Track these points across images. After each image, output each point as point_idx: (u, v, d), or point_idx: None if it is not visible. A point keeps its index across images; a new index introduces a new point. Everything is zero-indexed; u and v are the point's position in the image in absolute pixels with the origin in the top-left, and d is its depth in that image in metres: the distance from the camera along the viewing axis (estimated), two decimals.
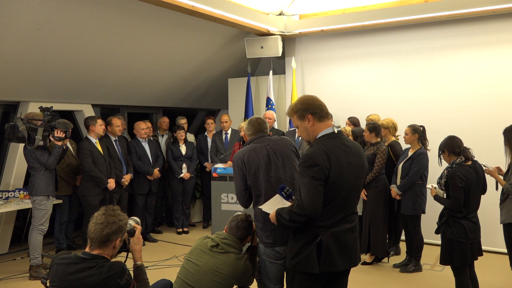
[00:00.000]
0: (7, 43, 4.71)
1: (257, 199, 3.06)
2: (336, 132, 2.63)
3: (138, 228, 2.61)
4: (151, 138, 6.62)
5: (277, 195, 2.77)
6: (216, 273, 3.03)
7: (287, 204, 2.67)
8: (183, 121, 7.18)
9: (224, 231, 3.27)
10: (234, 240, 3.16)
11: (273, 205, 2.74)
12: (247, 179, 3.05)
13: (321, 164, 2.46)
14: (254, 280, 3.44)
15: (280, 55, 6.97)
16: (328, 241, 2.53)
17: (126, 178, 6.01)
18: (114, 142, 6.01)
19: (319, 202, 2.46)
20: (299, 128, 2.70)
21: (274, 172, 3.03)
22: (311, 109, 2.63)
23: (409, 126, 5.00)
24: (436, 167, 4.14)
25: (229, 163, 6.00)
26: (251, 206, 3.18)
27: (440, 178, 3.82)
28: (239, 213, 3.34)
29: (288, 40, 7.25)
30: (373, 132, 5.16)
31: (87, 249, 2.36)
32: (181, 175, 6.68)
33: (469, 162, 3.69)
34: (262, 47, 6.90)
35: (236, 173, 3.12)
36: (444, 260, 3.72)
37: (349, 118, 6.11)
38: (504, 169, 4.12)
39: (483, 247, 3.88)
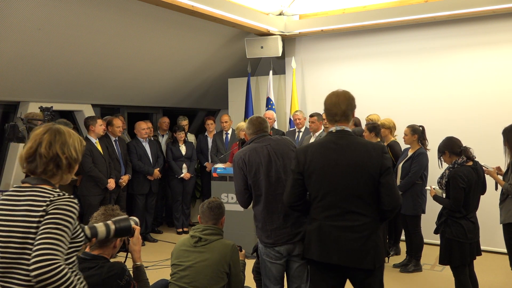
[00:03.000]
0: (7, 43, 4.71)
1: (257, 198, 3.06)
2: (334, 131, 2.67)
3: (137, 229, 2.60)
4: (152, 138, 6.62)
5: None
6: (208, 266, 2.93)
7: None
8: (184, 122, 7.17)
9: (199, 223, 3.16)
10: (213, 227, 3.06)
11: None
12: (248, 178, 3.05)
13: (297, 158, 2.69)
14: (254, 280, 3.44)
15: (280, 55, 6.97)
16: (310, 230, 2.67)
17: (124, 179, 6.01)
18: (114, 143, 6.01)
19: (291, 193, 2.70)
20: None
21: (274, 172, 3.03)
22: (324, 108, 2.76)
23: (408, 127, 5.00)
24: (436, 168, 4.13)
25: (228, 163, 6.00)
26: (251, 206, 3.17)
27: (441, 177, 3.81)
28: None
29: (288, 40, 7.25)
30: (373, 132, 5.16)
31: (87, 249, 2.36)
32: (181, 175, 6.69)
33: (470, 163, 3.68)
34: (262, 47, 6.90)
35: (236, 172, 3.11)
36: (443, 260, 3.72)
37: None
38: (503, 169, 4.12)
39: (483, 247, 3.88)
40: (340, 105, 2.66)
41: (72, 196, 1.87)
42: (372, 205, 2.59)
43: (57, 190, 1.88)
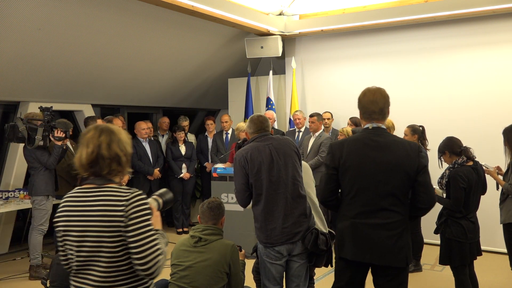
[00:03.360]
0: (7, 43, 4.71)
1: (257, 198, 3.06)
2: (370, 127, 2.66)
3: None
4: (152, 138, 6.62)
5: None
6: (208, 266, 2.91)
7: None
8: (185, 123, 7.16)
9: (199, 223, 3.14)
10: (213, 227, 3.05)
11: None
12: (250, 177, 3.04)
13: (333, 153, 2.66)
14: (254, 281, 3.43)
15: (280, 55, 6.97)
16: (343, 228, 2.65)
17: (124, 179, 5.99)
18: None
19: (326, 189, 2.69)
20: None
21: (276, 172, 3.03)
22: (359, 105, 2.74)
23: (408, 127, 5.00)
24: (436, 168, 4.13)
25: (228, 163, 6.00)
26: (250, 206, 3.16)
27: (441, 178, 3.81)
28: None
29: (288, 40, 7.25)
30: None
31: None
32: (181, 175, 6.69)
33: (471, 163, 3.68)
34: (262, 47, 6.90)
35: (237, 171, 3.10)
36: (443, 260, 3.72)
37: (351, 118, 6.10)
38: (504, 169, 4.12)
39: (483, 247, 3.88)
40: (377, 102, 2.67)
41: (141, 192, 1.93)
42: (404, 203, 2.61)
43: (124, 186, 1.95)
